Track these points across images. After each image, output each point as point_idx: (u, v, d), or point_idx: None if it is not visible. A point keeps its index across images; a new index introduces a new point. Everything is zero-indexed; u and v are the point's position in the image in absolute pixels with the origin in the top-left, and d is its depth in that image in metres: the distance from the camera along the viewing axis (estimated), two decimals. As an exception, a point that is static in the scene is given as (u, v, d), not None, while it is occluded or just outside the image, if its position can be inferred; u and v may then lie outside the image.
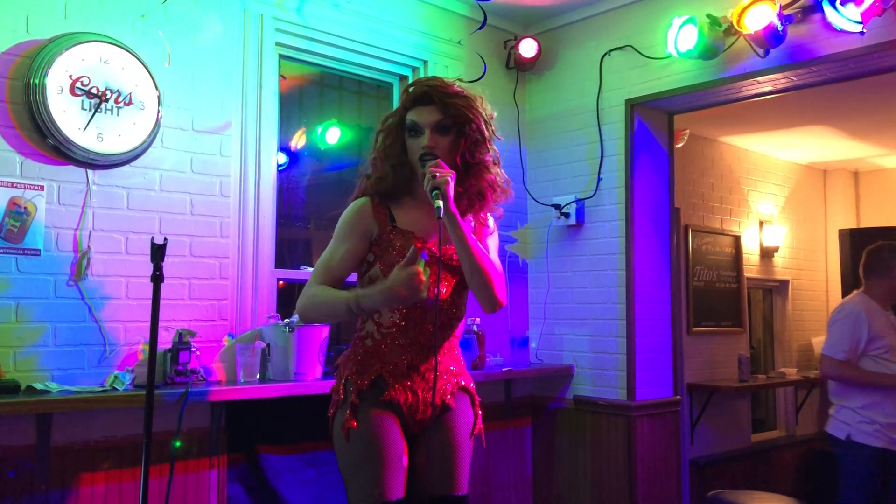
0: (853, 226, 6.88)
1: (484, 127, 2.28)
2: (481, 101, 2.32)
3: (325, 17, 3.69)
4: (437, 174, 2.12)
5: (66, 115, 2.83)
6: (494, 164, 2.32)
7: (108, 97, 2.94)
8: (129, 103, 3.00)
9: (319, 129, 4.23)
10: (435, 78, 2.35)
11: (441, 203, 2.08)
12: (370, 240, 2.28)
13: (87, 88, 2.90)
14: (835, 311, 4.02)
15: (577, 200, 4.19)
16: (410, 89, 2.31)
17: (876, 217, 6.90)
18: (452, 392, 2.31)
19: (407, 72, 4.12)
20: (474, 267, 2.20)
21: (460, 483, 2.29)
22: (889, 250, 3.95)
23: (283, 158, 3.88)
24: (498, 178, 2.31)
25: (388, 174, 2.29)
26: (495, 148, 2.34)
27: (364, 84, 4.23)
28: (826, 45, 3.33)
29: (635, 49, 3.99)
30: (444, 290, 2.27)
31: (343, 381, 2.27)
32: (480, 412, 2.41)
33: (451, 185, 2.13)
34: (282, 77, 3.73)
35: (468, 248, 2.18)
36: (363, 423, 2.17)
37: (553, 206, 4.27)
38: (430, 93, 2.25)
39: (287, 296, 3.80)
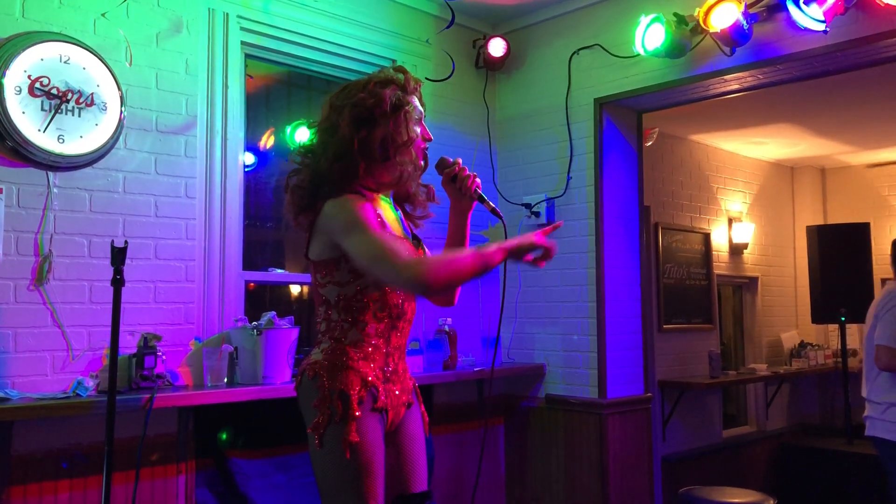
0: (820, 222, 6.97)
1: None
2: None
3: (292, 16, 3.65)
4: (474, 175, 2.27)
5: (25, 116, 2.77)
6: None
7: (68, 98, 2.89)
8: (91, 104, 2.94)
9: (288, 130, 4.19)
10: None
11: (493, 203, 2.28)
12: None
13: (46, 89, 2.84)
14: (882, 300, 3.72)
15: (548, 199, 4.20)
16: (410, 76, 2.25)
17: (842, 213, 7.00)
18: (411, 390, 2.32)
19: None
20: None
21: (424, 479, 2.30)
22: None
23: (250, 159, 3.84)
24: None
25: (398, 164, 2.19)
26: None
27: (333, 84, 4.18)
28: (791, 43, 3.36)
29: (603, 48, 4.00)
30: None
31: (336, 392, 2.07)
32: (423, 405, 2.40)
33: None
34: (249, 76, 3.69)
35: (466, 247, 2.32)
36: (363, 436, 2.07)
37: (523, 205, 4.27)
38: (420, 87, 2.32)
39: (257, 298, 3.76)
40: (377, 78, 2.22)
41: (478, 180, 2.26)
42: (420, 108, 2.26)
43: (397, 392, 2.22)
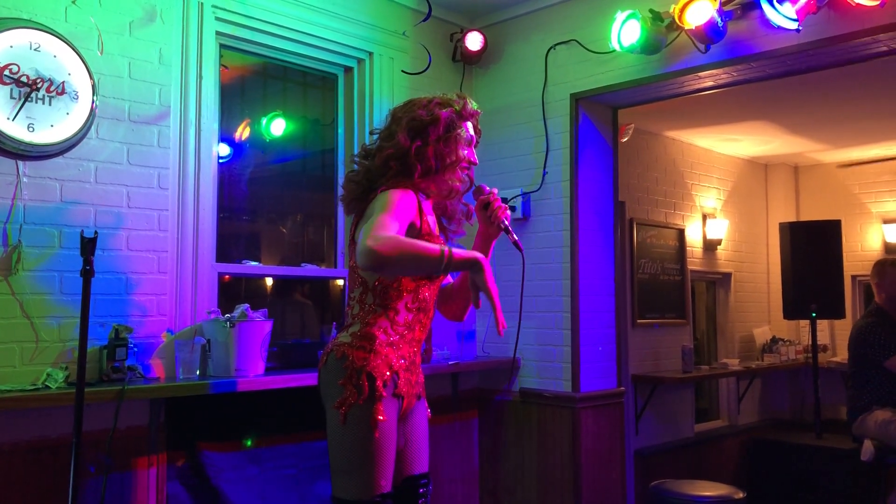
0: (793, 219, 7.05)
1: None
2: None
3: (268, 6, 3.63)
4: (505, 207, 2.46)
5: (-6, 103, 2.73)
6: None
7: (39, 86, 2.85)
8: (62, 92, 2.91)
9: (264, 121, 4.16)
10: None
11: (516, 236, 2.47)
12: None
13: (16, 76, 2.80)
14: None
15: (524, 194, 4.21)
16: (468, 102, 2.47)
17: (814, 211, 7.09)
18: (422, 383, 2.52)
19: (352, 63, 4.08)
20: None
21: (426, 461, 2.52)
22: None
23: (225, 150, 3.81)
24: None
25: (443, 179, 2.41)
26: None
27: (309, 75, 4.17)
28: (764, 41, 3.39)
29: (580, 43, 4.01)
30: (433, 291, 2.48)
31: (365, 373, 2.25)
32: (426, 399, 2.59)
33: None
34: (224, 67, 3.66)
35: None
36: (386, 417, 2.26)
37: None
38: (478, 115, 2.52)
39: (232, 290, 3.73)
40: (438, 99, 2.45)
41: (508, 212, 2.47)
42: (472, 133, 2.47)
43: (413, 382, 2.41)
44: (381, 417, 2.23)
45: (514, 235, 2.46)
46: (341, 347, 2.30)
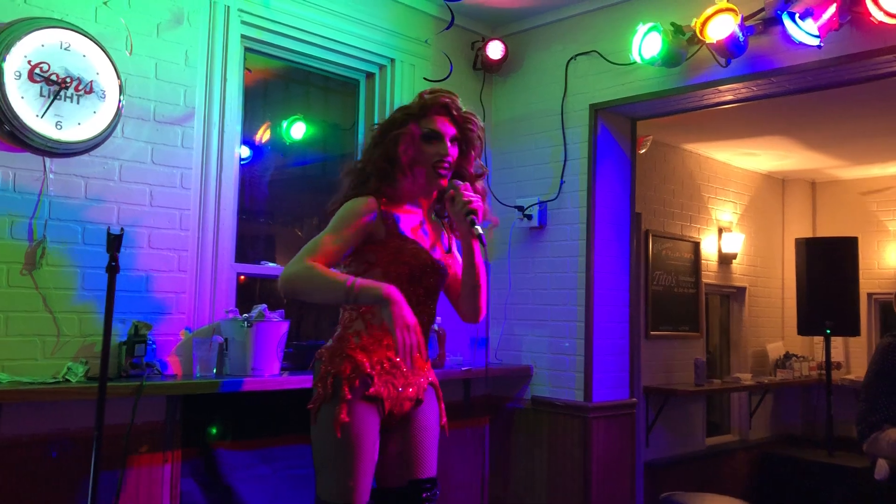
0: (809, 235, 7.03)
1: (481, 147, 2.49)
2: (481, 123, 2.51)
3: (293, 11, 3.67)
4: (473, 199, 2.33)
5: (24, 101, 2.78)
6: (481, 178, 2.52)
7: (67, 84, 2.89)
8: (90, 91, 2.95)
9: (285, 124, 4.21)
10: (450, 92, 2.48)
11: (480, 229, 2.32)
12: (369, 241, 2.35)
13: (46, 75, 2.85)
14: None
15: (540, 203, 4.23)
16: (427, 97, 2.43)
17: (831, 227, 7.07)
18: (424, 387, 2.48)
19: (374, 69, 4.12)
20: (477, 283, 2.42)
21: (433, 466, 2.47)
22: None
23: (246, 152, 3.86)
24: (483, 195, 2.47)
25: (412, 179, 2.40)
26: (482, 163, 2.55)
27: (331, 80, 4.21)
28: (785, 56, 3.40)
29: (600, 54, 4.03)
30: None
31: (332, 376, 2.30)
32: (443, 405, 2.56)
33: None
34: (247, 70, 3.71)
35: (477, 267, 2.40)
36: (352, 418, 2.27)
37: (516, 207, 4.30)
38: (449, 105, 2.43)
39: (248, 290, 3.78)
40: (405, 104, 2.50)
41: (478, 204, 2.33)
42: (436, 127, 2.39)
43: (399, 387, 2.38)
44: (344, 418, 2.25)
45: (479, 228, 2.33)
46: (322, 352, 2.40)
